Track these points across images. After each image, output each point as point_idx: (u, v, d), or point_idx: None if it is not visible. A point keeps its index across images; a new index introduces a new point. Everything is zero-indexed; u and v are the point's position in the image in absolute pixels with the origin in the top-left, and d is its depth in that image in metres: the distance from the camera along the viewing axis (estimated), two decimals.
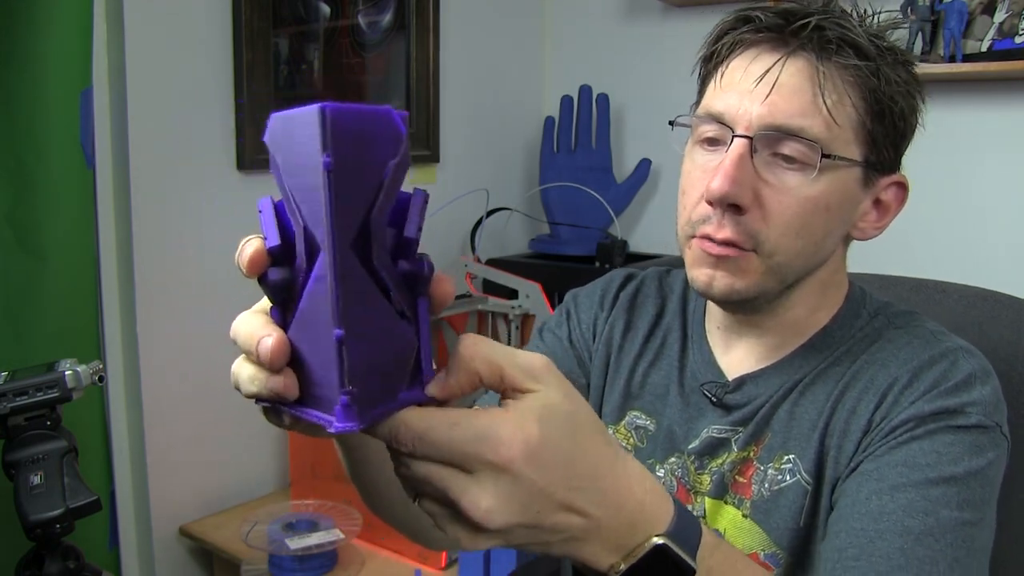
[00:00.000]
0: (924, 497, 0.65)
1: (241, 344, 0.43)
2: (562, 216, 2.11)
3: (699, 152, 0.76)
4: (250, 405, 0.45)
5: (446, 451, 0.42)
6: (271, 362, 0.41)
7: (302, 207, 0.38)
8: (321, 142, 0.35)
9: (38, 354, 1.27)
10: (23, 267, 1.32)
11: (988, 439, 0.69)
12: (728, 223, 0.72)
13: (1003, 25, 1.63)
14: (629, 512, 0.47)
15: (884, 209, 0.78)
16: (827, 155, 0.70)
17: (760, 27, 0.72)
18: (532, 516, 0.43)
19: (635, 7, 2.18)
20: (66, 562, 1.00)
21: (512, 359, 0.44)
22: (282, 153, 0.38)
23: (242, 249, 0.41)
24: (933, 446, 0.68)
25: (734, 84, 0.73)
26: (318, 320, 0.39)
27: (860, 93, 0.71)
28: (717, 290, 0.74)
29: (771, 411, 0.78)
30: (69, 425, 1.04)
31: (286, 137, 0.38)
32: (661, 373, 0.87)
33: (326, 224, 0.36)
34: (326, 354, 0.39)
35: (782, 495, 0.75)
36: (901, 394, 0.71)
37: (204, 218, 1.60)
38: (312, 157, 0.36)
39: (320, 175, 0.36)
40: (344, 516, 1.51)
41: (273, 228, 0.41)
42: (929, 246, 1.82)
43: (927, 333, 0.76)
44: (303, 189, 0.38)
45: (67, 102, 1.32)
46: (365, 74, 1.87)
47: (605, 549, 0.46)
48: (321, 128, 0.35)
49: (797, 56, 0.71)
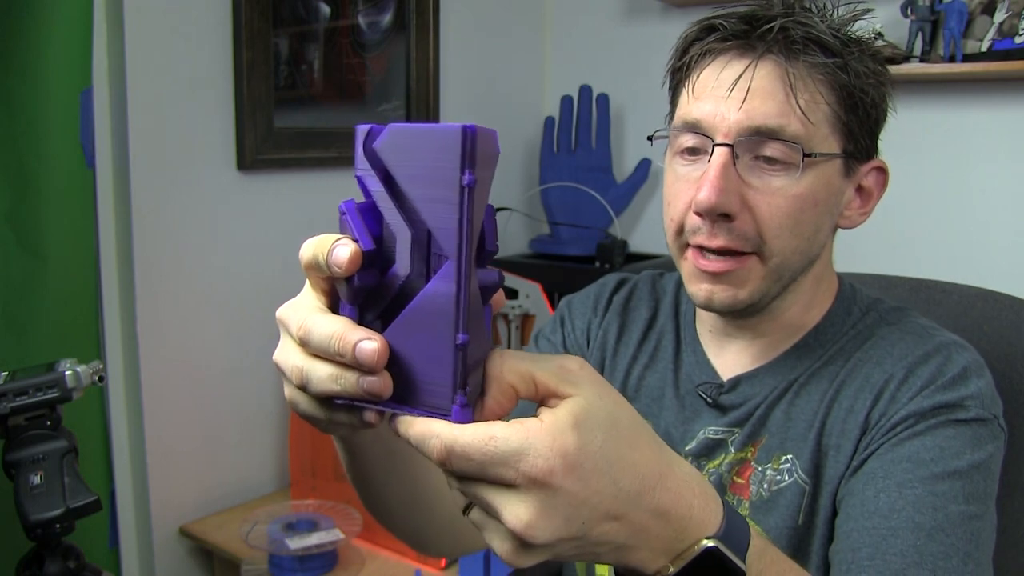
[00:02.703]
0: (932, 492, 0.66)
1: (320, 344, 0.43)
2: (562, 216, 2.11)
3: (679, 163, 0.77)
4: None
5: (485, 467, 0.41)
6: (376, 365, 0.42)
7: (424, 217, 0.41)
8: (460, 161, 0.39)
9: (38, 354, 1.27)
10: (23, 267, 1.31)
11: (987, 431, 0.70)
12: (720, 231, 0.72)
13: (1003, 25, 1.63)
14: (678, 517, 0.45)
15: (867, 195, 0.79)
16: (808, 154, 0.71)
17: (726, 35, 0.73)
18: (577, 528, 0.42)
19: (635, 7, 2.18)
20: (66, 562, 1.00)
21: (543, 365, 0.44)
22: (402, 164, 0.41)
23: (334, 249, 0.42)
24: (935, 441, 0.68)
25: (707, 92, 0.73)
26: (432, 324, 0.41)
27: (831, 88, 0.72)
28: (718, 303, 0.75)
29: (767, 412, 0.78)
30: (69, 425, 1.04)
31: (410, 150, 0.41)
32: (656, 376, 0.87)
33: (458, 236, 0.40)
34: (435, 356, 0.42)
35: (780, 495, 0.75)
36: (898, 391, 0.72)
37: (204, 218, 1.60)
38: (446, 172, 0.39)
39: (455, 190, 0.39)
40: (344, 516, 1.51)
41: (364, 232, 0.43)
42: (929, 246, 1.82)
43: (919, 328, 0.77)
44: (427, 200, 0.41)
45: (67, 102, 1.32)
46: (365, 74, 1.87)
47: (653, 554, 0.45)
48: (462, 147, 0.39)
49: (766, 60, 0.71)
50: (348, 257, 0.41)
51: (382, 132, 0.42)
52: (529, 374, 0.44)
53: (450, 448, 0.41)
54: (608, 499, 0.42)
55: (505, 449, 0.41)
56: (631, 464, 0.44)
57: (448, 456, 0.41)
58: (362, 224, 0.43)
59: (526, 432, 0.41)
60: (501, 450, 0.41)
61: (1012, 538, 0.85)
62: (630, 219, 2.24)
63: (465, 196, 0.39)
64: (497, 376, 0.43)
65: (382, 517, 0.73)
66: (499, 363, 0.44)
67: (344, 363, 0.43)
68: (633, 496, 0.43)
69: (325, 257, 0.42)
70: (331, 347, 0.42)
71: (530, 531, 0.41)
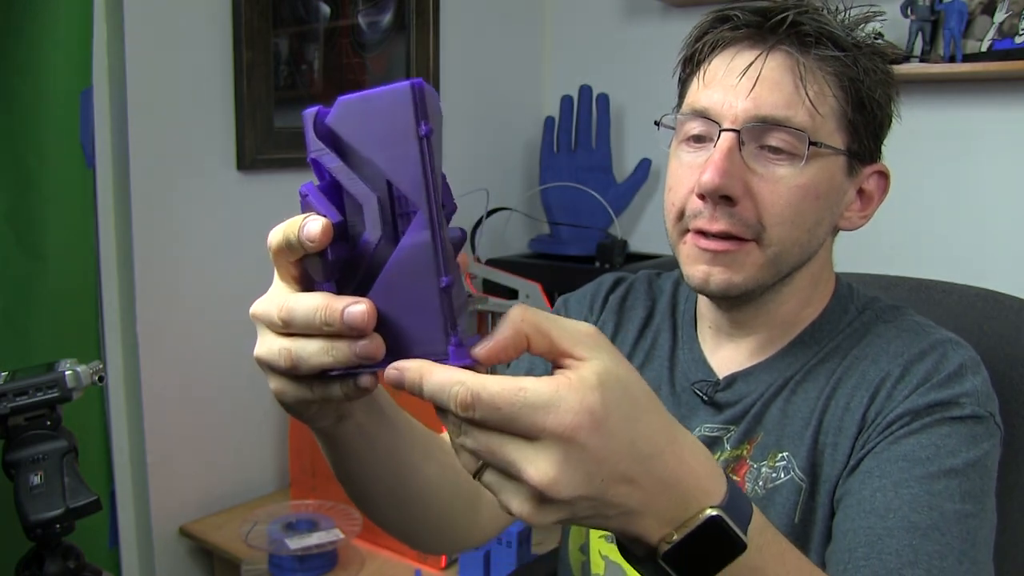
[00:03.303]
0: (927, 491, 0.66)
1: (305, 319, 0.44)
2: (562, 216, 2.11)
3: (684, 150, 0.77)
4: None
5: (511, 418, 0.40)
6: (366, 326, 0.43)
7: (390, 176, 0.42)
8: (415, 114, 0.40)
9: (38, 354, 1.27)
10: (23, 267, 1.31)
11: (983, 429, 0.70)
12: (721, 215, 0.72)
13: (1003, 25, 1.63)
14: (686, 486, 0.45)
15: (868, 199, 0.79)
16: (814, 143, 0.71)
17: (739, 24, 0.74)
18: (596, 487, 0.42)
19: (635, 7, 2.18)
20: (66, 562, 1.00)
21: (562, 325, 0.44)
22: (357, 132, 0.43)
23: (304, 226, 0.43)
24: (931, 439, 0.68)
25: (717, 80, 0.74)
26: (412, 276, 0.42)
27: (840, 83, 0.73)
28: (714, 285, 0.75)
29: (763, 409, 0.78)
30: (69, 425, 1.04)
31: (363, 115, 0.42)
32: (652, 373, 0.87)
33: (425, 184, 0.41)
34: (421, 305, 0.42)
35: (776, 493, 0.75)
36: (894, 388, 0.72)
37: (204, 218, 1.60)
38: (403, 127, 0.41)
39: (415, 142, 0.40)
40: (344, 516, 1.51)
41: (330, 207, 0.44)
42: (929, 246, 1.82)
43: (915, 325, 0.77)
44: (389, 160, 0.42)
45: (67, 102, 1.32)
46: (365, 74, 1.87)
47: (659, 522, 0.45)
48: (414, 102, 0.40)
49: (777, 51, 0.72)
50: (320, 229, 0.42)
51: (331, 109, 0.44)
52: (547, 330, 0.43)
53: (476, 395, 0.40)
54: (626, 459, 0.43)
55: (535, 401, 0.40)
56: (646, 428, 0.44)
57: (474, 403, 0.40)
58: (326, 201, 0.44)
59: (556, 386, 0.41)
60: (531, 401, 0.40)
61: (1012, 538, 0.85)
62: (630, 219, 2.24)
63: (425, 145, 0.40)
64: (515, 322, 0.43)
65: (372, 513, 0.72)
66: (520, 312, 0.43)
67: (333, 333, 0.43)
68: (646, 459, 0.44)
69: (296, 235, 0.43)
70: (317, 319, 0.43)
71: (554, 487, 0.41)
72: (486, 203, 2.08)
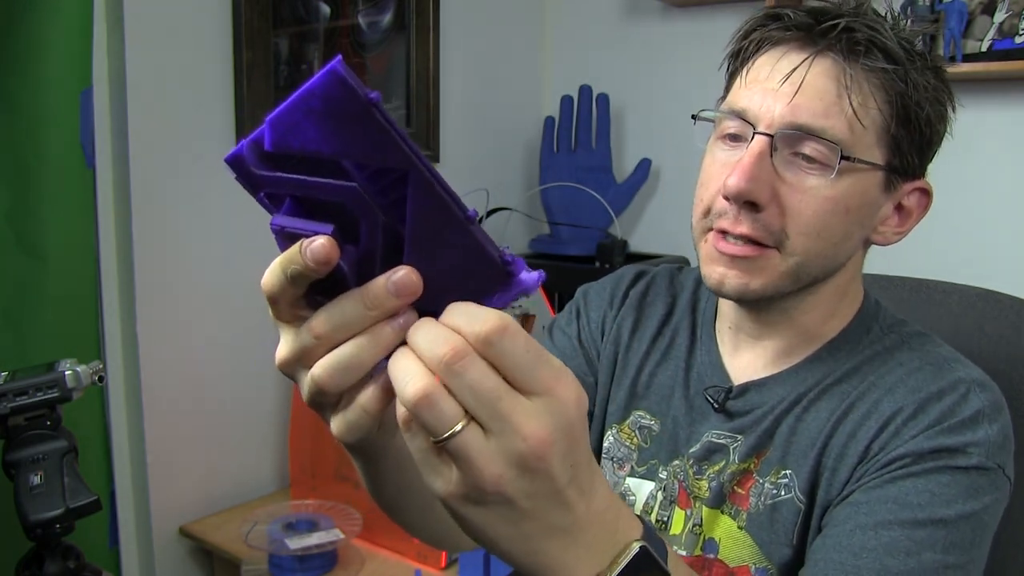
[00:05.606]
0: (908, 537, 0.64)
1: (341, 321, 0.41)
2: (562, 216, 2.11)
3: (720, 147, 0.76)
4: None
5: (532, 364, 0.40)
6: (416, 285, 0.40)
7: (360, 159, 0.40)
8: (355, 89, 0.38)
9: (38, 354, 1.27)
10: (23, 267, 1.31)
11: (987, 481, 0.67)
12: (745, 219, 0.71)
13: (1003, 25, 1.63)
14: (614, 512, 0.45)
15: (906, 215, 0.77)
16: (846, 157, 0.69)
17: (789, 25, 0.72)
18: (568, 470, 0.41)
19: (635, 7, 2.18)
20: (66, 562, 1.00)
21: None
22: (303, 138, 0.40)
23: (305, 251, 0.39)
24: (927, 485, 0.66)
25: (759, 81, 0.73)
26: (436, 225, 0.40)
27: (886, 97, 0.71)
28: (729, 288, 0.74)
29: (775, 424, 0.76)
30: (69, 425, 1.04)
31: (304, 119, 0.40)
32: (668, 373, 0.86)
33: (401, 143, 0.39)
34: (458, 248, 0.41)
35: (776, 510, 0.74)
36: (904, 425, 0.70)
37: (204, 218, 1.60)
38: (351, 107, 0.38)
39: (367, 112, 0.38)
40: (344, 516, 1.51)
41: (314, 223, 0.41)
42: (929, 246, 1.81)
43: (940, 359, 0.74)
44: (351, 143, 0.39)
45: (67, 102, 1.32)
46: (365, 74, 1.87)
47: (589, 553, 0.44)
48: (349, 80, 0.38)
49: (824, 56, 0.70)
50: (325, 244, 0.39)
51: (264, 136, 0.41)
52: None
53: (506, 327, 0.39)
54: (584, 463, 0.42)
55: (553, 361, 0.41)
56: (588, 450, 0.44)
57: (502, 332, 0.39)
58: (305, 220, 0.41)
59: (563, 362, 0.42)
60: (546, 359, 0.41)
61: (1012, 538, 0.85)
62: (630, 219, 2.24)
63: (380, 110, 0.38)
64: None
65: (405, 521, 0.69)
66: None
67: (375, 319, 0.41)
68: (594, 474, 0.44)
69: (302, 264, 0.39)
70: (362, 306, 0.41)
71: (544, 446, 0.39)
72: (486, 203, 2.08)
